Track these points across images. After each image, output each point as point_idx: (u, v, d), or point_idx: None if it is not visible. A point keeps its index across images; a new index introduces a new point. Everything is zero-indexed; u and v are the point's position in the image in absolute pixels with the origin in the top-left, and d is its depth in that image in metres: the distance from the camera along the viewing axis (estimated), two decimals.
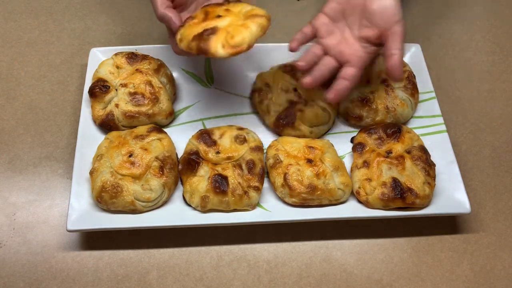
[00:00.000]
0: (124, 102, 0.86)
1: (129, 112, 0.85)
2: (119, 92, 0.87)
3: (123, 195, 0.76)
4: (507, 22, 1.12)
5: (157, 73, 0.89)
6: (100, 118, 0.85)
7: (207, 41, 0.71)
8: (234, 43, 0.70)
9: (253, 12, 0.75)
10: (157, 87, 0.87)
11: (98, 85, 0.86)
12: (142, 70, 0.88)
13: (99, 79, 0.87)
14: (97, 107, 0.86)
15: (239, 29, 0.72)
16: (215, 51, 0.70)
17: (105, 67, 0.89)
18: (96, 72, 0.89)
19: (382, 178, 0.79)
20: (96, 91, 0.86)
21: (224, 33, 0.71)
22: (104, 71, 0.88)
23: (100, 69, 0.89)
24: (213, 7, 0.77)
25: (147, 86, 0.87)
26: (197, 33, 0.72)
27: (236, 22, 0.74)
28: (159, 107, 0.86)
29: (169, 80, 0.91)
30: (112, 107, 0.85)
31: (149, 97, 0.86)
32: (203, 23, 0.74)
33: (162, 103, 0.87)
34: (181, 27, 0.76)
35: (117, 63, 0.89)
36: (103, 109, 0.86)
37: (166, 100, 0.87)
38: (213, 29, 0.72)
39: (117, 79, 0.88)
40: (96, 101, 0.86)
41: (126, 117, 0.85)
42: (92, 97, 0.86)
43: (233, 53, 0.70)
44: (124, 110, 0.85)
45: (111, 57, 0.90)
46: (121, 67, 0.89)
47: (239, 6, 0.77)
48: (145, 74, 0.87)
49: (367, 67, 0.92)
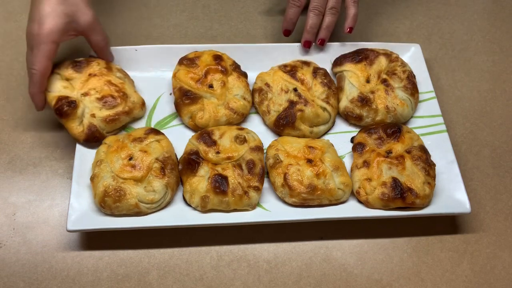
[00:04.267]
0: (98, 109, 0.83)
1: (108, 117, 0.83)
2: (86, 102, 0.83)
3: (127, 198, 0.76)
4: (507, 22, 1.12)
5: (110, 70, 0.87)
6: (83, 133, 0.82)
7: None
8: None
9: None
10: (119, 84, 0.86)
11: (63, 103, 0.81)
12: (95, 73, 0.85)
13: (59, 98, 0.82)
14: (73, 125, 0.82)
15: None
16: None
17: (56, 85, 0.84)
18: (49, 94, 0.83)
19: (382, 178, 0.79)
20: (66, 110, 0.81)
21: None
22: (58, 89, 0.83)
23: (53, 89, 0.83)
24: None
25: (110, 86, 0.85)
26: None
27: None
28: (131, 101, 0.86)
29: (124, 74, 0.89)
30: (89, 119, 0.83)
31: (118, 96, 0.84)
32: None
33: (132, 97, 0.86)
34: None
35: (66, 76, 0.85)
36: (79, 125, 0.82)
37: (133, 92, 0.87)
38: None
39: (74, 91, 0.84)
40: (70, 119, 0.82)
41: (107, 122, 0.83)
42: (64, 117, 0.82)
43: None
44: (103, 117, 0.83)
45: (55, 73, 0.85)
46: (71, 78, 0.85)
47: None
48: (101, 76, 0.85)
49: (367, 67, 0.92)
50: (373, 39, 1.06)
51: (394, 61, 0.93)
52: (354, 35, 0.99)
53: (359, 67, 0.92)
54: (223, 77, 0.88)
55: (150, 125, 0.89)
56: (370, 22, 1.09)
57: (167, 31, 1.06)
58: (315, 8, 0.93)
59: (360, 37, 1.05)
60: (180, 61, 0.90)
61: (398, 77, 0.91)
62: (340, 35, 1.01)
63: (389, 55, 0.93)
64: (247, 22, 1.08)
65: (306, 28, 0.94)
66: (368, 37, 1.06)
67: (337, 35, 1.01)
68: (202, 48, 0.93)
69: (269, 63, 0.94)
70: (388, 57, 0.93)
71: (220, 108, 0.87)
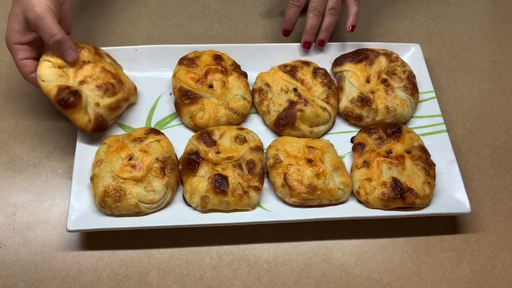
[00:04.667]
0: (100, 98, 0.81)
1: (112, 105, 0.82)
2: (86, 91, 0.80)
3: (127, 198, 0.76)
4: (507, 22, 1.12)
5: (101, 56, 0.86)
6: (91, 124, 0.80)
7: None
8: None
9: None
10: (114, 70, 0.84)
11: (67, 93, 0.77)
12: (89, 60, 0.82)
13: (60, 87, 0.77)
14: (79, 116, 0.79)
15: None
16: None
17: (51, 74, 0.78)
18: (46, 84, 0.77)
19: (382, 178, 0.79)
20: (72, 101, 0.77)
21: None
22: (54, 78, 0.78)
23: (48, 78, 0.78)
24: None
25: (106, 73, 0.83)
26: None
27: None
28: (128, 87, 0.86)
29: (112, 59, 0.88)
30: (94, 108, 0.80)
31: (116, 82, 0.83)
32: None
33: (127, 82, 0.86)
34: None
35: (58, 63, 0.80)
36: (85, 115, 0.80)
37: (126, 78, 0.87)
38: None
39: (70, 80, 0.80)
40: (75, 110, 0.78)
41: (111, 110, 0.83)
42: (69, 108, 0.78)
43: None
44: (106, 105, 0.81)
45: (46, 60, 0.79)
46: (63, 65, 0.80)
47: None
48: (94, 62, 0.83)
49: (367, 67, 0.92)
50: (373, 39, 1.06)
51: (394, 61, 0.93)
52: (354, 35, 0.99)
53: (359, 67, 0.92)
54: (223, 77, 0.88)
55: (150, 125, 0.89)
56: (370, 22, 1.09)
57: (167, 31, 1.06)
58: (314, 9, 0.93)
59: (360, 37, 1.05)
60: (180, 61, 0.90)
61: (398, 77, 0.91)
62: (340, 35, 1.01)
63: (389, 55, 0.93)
64: (247, 22, 1.08)
65: (306, 29, 0.94)
66: (368, 37, 1.06)
67: (337, 35, 1.01)
68: (202, 48, 0.93)
69: (269, 63, 0.94)
70: (388, 57, 0.93)
71: (220, 108, 0.87)
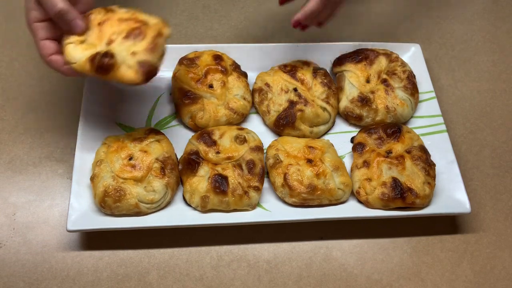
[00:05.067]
0: (133, 46, 0.73)
1: (148, 46, 0.73)
2: (116, 48, 0.73)
3: (127, 198, 0.76)
4: (507, 22, 1.12)
5: (113, 11, 0.77)
6: (139, 73, 0.72)
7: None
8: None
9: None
10: (131, 15, 0.76)
11: (100, 58, 0.71)
12: (103, 20, 0.76)
13: (91, 57, 0.72)
14: (123, 72, 0.72)
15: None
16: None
17: (78, 53, 0.73)
18: (78, 64, 0.73)
19: (382, 178, 0.79)
20: (108, 62, 0.71)
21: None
22: (82, 55, 0.73)
23: (77, 58, 0.73)
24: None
25: (125, 22, 0.75)
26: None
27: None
28: (153, 23, 0.76)
29: (127, 8, 0.78)
30: (132, 58, 0.72)
31: (139, 25, 0.75)
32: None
33: (150, 19, 0.76)
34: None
35: (80, 40, 0.75)
36: (128, 69, 0.72)
37: (148, 17, 0.77)
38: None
39: (97, 47, 0.74)
40: (117, 70, 0.72)
41: (150, 52, 0.73)
42: (110, 70, 0.71)
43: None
44: (143, 49, 0.73)
45: (67, 44, 0.74)
46: (83, 40, 0.75)
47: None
48: (109, 19, 0.76)
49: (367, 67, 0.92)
50: (373, 39, 1.06)
51: (394, 61, 0.93)
52: (354, 35, 0.99)
53: (359, 67, 0.92)
54: (223, 77, 0.88)
55: (150, 125, 0.89)
56: (370, 22, 1.09)
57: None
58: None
59: (360, 37, 1.05)
60: (180, 61, 0.90)
61: (398, 77, 0.91)
62: (340, 35, 1.01)
63: (389, 55, 0.93)
64: (247, 22, 1.08)
65: (304, 8, 0.80)
66: (368, 37, 1.06)
67: (337, 35, 1.01)
68: (202, 48, 0.93)
69: (269, 63, 0.94)
70: (388, 57, 0.93)
71: (220, 108, 0.87)
